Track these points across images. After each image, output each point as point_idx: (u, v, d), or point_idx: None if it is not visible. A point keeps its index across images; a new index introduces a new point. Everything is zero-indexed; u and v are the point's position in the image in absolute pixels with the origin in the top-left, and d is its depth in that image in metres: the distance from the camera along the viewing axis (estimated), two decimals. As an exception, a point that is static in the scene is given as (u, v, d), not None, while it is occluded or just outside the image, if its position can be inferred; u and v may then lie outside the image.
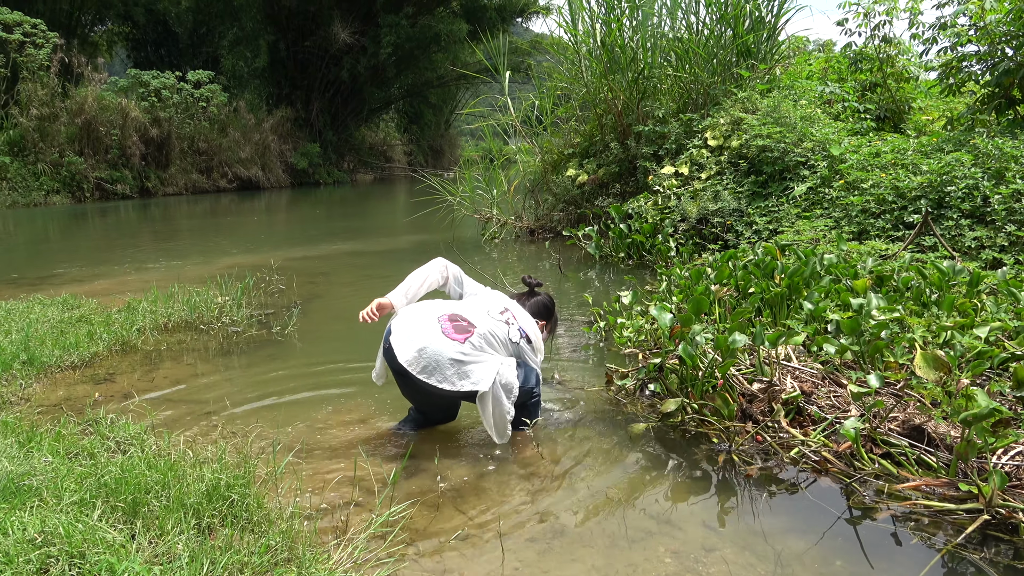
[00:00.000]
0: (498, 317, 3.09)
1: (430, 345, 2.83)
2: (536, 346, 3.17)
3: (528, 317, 3.24)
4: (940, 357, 2.87)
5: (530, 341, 3.13)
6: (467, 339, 2.89)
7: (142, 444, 2.73)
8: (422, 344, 2.83)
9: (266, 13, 28.38)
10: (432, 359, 2.81)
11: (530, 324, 3.19)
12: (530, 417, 3.10)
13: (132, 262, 8.60)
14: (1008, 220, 5.22)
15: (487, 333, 2.97)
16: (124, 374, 4.12)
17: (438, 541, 2.34)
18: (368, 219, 16.40)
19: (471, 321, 2.98)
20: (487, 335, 2.96)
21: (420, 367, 2.82)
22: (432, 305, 3.05)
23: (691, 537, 2.35)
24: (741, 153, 7.52)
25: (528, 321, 3.20)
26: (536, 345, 3.17)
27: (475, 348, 2.89)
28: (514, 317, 3.14)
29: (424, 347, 2.82)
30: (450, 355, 2.82)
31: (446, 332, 2.89)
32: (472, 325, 2.96)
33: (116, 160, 20.70)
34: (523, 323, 3.16)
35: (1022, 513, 2.26)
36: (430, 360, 2.81)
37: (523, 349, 3.10)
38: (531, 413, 3.11)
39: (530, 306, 3.40)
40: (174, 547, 2.01)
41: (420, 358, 2.82)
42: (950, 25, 7.79)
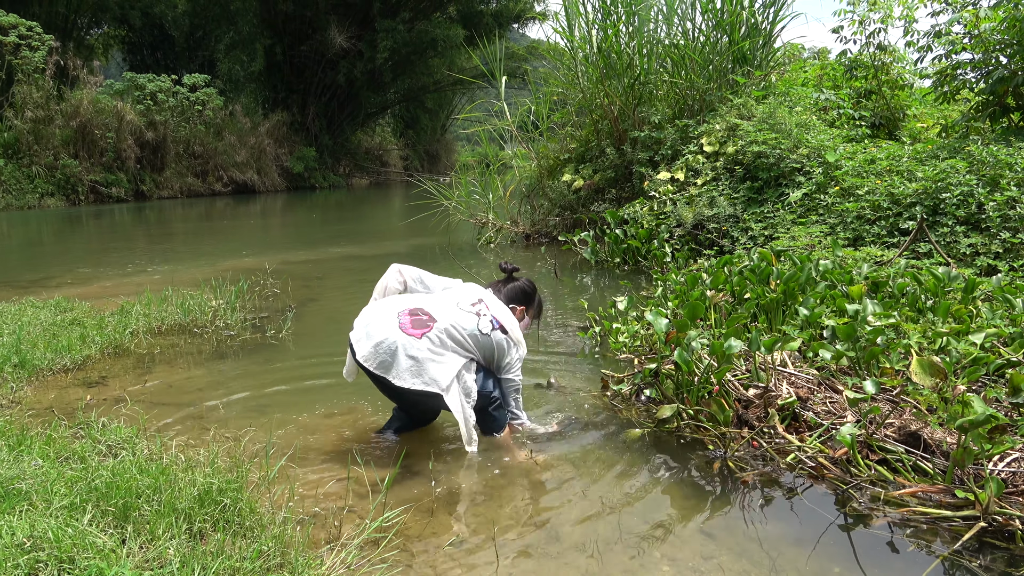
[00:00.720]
0: (468, 309, 3.00)
1: (386, 340, 2.79)
2: (513, 336, 3.07)
3: (502, 306, 3.15)
4: (936, 363, 2.86)
5: (506, 331, 3.03)
6: (424, 334, 2.82)
7: (134, 448, 2.70)
8: (379, 339, 2.80)
9: (262, 17, 28.41)
10: (387, 354, 2.78)
11: (504, 312, 3.10)
12: (498, 426, 3.07)
13: (126, 265, 8.57)
14: (1003, 227, 5.23)
15: (449, 327, 2.88)
16: (116, 377, 4.09)
17: (432, 547, 2.32)
18: (364, 223, 16.38)
19: (433, 315, 2.90)
20: (449, 329, 2.87)
21: (376, 363, 2.79)
22: (396, 300, 3.01)
23: (687, 544, 2.33)
24: (737, 159, 7.53)
25: (502, 310, 3.11)
26: (513, 335, 3.07)
27: (433, 344, 2.82)
28: (487, 307, 3.05)
29: (380, 342, 2.79)
30: (407, 351, 2.77)
31: (403, 327, 2.83)
32: (433, 319, 2.88)
33: (111, 163, 20.67)
34: (496, 312, 3.06)
35: (1019, 520, 2.26)
36: (385, 356, 2.78)
37: (498, 340, 3.00)
38: (497, 421, 3.07)
39: (506, 293, 3.30)
40: (165, 552, 1.99)
41: (376, 353, 2.79)
42: (945, 33, 7.83)
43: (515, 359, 3.08)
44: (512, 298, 3.29)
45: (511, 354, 3.06)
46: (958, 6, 7.84)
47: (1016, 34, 7.01)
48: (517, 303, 3.29)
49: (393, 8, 29.46)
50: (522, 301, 3.33)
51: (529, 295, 3.37)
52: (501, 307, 3.13)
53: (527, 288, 3.37)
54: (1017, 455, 2.54)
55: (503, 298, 3.26)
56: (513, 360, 3.07)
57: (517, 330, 3.11)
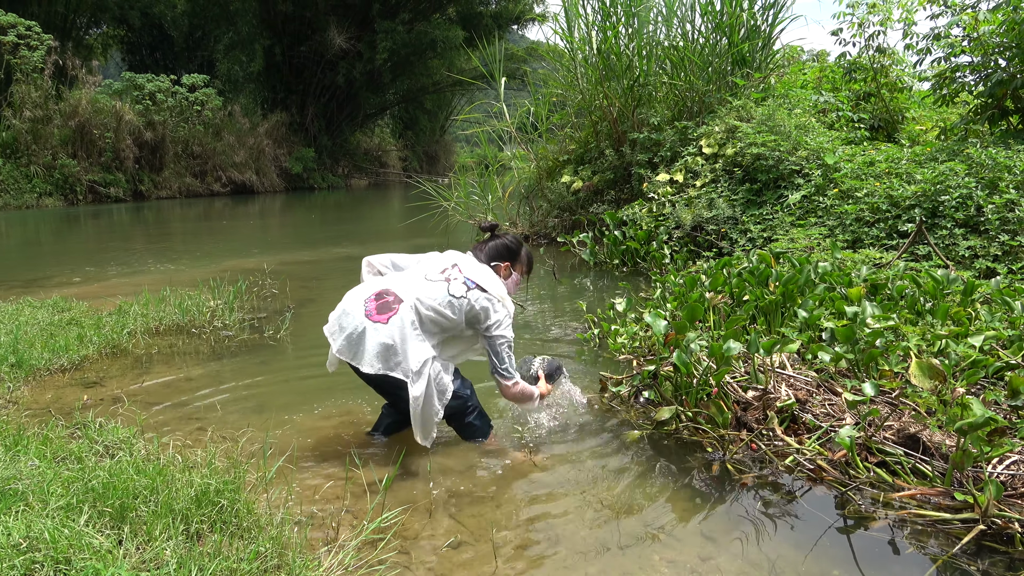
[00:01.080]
0: (436, 278, 2.92)
1: (356, 330, 2.77)
2: (494, 292, 2.94)
3: (479, 265, 3.04)
4: (935, 366, 2.86)
5: (484, 289, 2.92)
6: (390, 318, 2.76)
7: (131, 448, 2.69)
8: (349, 330, 2.78)
9: (262, 18, 28.42)
10: (357, 343, 2.77)
11: (481, 271, 2.99)
12: (481, 433, 3.05)
13: (124, 265, 8.56)
14: (1002, 230, 5.23)
15: (416, 303, 2.81)
16: (114, 377, 4.08)
17: (430, 548, 2.31)
18: (362, 224, 16.37)
19: (398, 294, 2.83)
20: (416, 306, 2.81)
21: (351, 354, 2.78)
22: (364, 287, 2.94)
23: (686, 546, 2.33)
24: (736, 161, 7.53)
25: (478, 269, 3.00)
26: (494, 291, 2.94)
27: (404, 326, 2.76)
28: (459, 271, 2.96)
29: (351, 333, 2.78)
30: (375, 338, 2.73)
31: (369, 314, 2.78)
32: (399, 299, 2.81)
33: (109, 163, 20.65)
34: (470, 273, 2.95)
35: (1018, 523, 2.25)
36: (356, 345, 2.77)
37: (477, 300, 2.88)
38: (480, 429, 3.05)
39: (487, 251, 3.16)
40: (162, 553, 1.98)
41: (349, 345, 2.78)
42: (944, 36, 7.83)
43: (502, 317, 2.94)
44: (493, 255, 3.15)
45: (496, 311, 2.92)
46: (957, 9, 7.85)
47: (1015, 37, 7.02)
48: (500, 260, 3.15)
49: (392, 9, 29.47)
50: (505, 257, 3.18)
51: (512, 250, 3.20)
52: (477, 267, 3.02)
53: (510, 243, 3.21)
54: (1016, 458, 2.53)
55: (484, 258, 3.13)
56: (500, 318, 2.94)
57: (499, 287, 2.99)
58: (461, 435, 3.10)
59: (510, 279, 3.19)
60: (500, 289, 3.00)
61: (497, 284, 3.00)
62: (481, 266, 3.05)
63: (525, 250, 3.28)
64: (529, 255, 3.31)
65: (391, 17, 28.81)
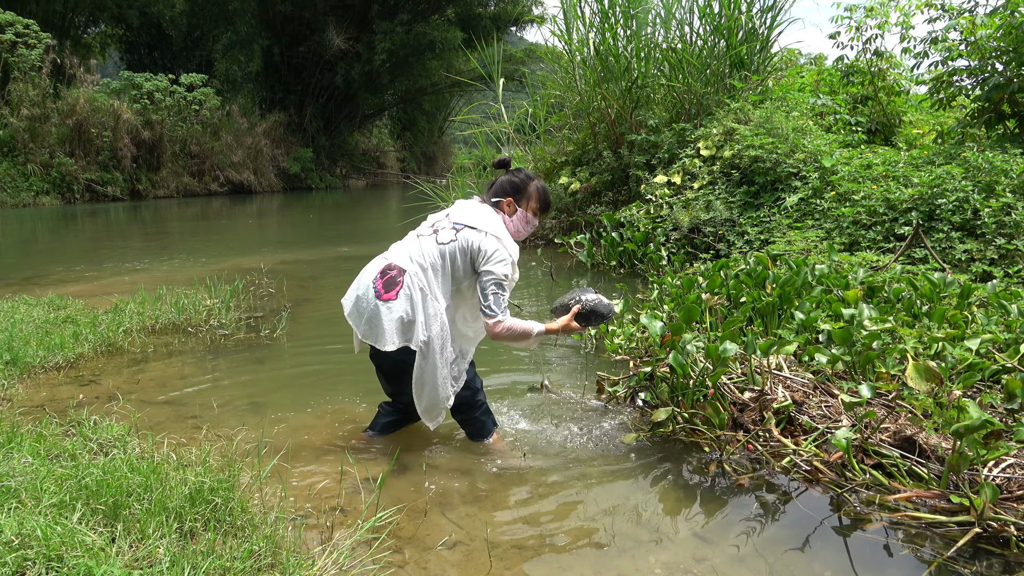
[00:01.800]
0: (426, 233, 2.84)
1: (372, 312, 2.76)
2: (485, 228, 2.80)
3: (472, 206, 2.91)
4: (932, 368, 2.86)
5: (474, 227, 2.80)
6: (399, 292, 2.73)
7: (125, 446, 2.68)
8: (367, 314, 2.77)
9: (261, 18, 28.40)
10: (376, 325, 2.75)
11: (474, 211, 2.87)
12: (486, 432, 3.02)
13: (121, 264, 8.54)
14: (998, 233, 5.24)
15: (416, 268, 2.76)
16: (109, 376, 4.06)
17: (425, 548, 2.30)
18: (360, 224, 16.35)
19: (400, 266, 2.77)
20: (416, 271, 2.75)
21: (374, 337, 2.76)
22: (371, 266, 2.89)
23: (681, 547, 2.32)
24: (733, 163, 7.53)
25: (471, 210, 2.88)
26: (485, 227, 2.80)
27: (410, 300, 2.72)
28: (447, 219, 2.87)
29: (369, 316, 2.76)
30: (391, 316, 2.71)
31: (379, 293, 2.75)
32: (401, 271, 2.76)
33: (107, 162, 20.62)
34: (460, 216, 2.85)
35: (1014, 526, 2.25)
36: (375, 327, 2.75)
37: (467, 238, 2.77)
38: (485, 427, 3.02)
39: (493, 189, 3.00)
40: (155, 551, 1.97)
41: (370, 328, 2.77)
42: (941, 40, 7.84)
43: (491, 251, 2.78)
44: (497, 192, 2.98)
45: (487, 245, 2.78)
46: (954, 13, 7.86)
47: (1012, 41, 7.03)
48: (503, 196, 2.96)
49: (391, 10, 29.48)
50: (509, 193, 2.97)
51: (517, 185, 2.98)
52: (469, 208, 2.91)
53: (515, 178, 2.99)
54: (1012, 461, 2.53)
55: (490, 196, 2.98)
56: (490, 252, 2.77)
57: (494, 223, 2.85)
58: (466, 430, 3.07)
59: (516, 215, 2.97)
60: (495, 225, 2.85)
61: (492, 220, 2.86)
62: (476, 206, 2.92)
63: (536, 185, 3.01)
64: (541, 190, 3.02)
65: (390, 18, 28.82)
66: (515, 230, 2.98)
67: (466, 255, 2.79)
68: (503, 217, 2.95)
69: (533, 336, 2.84)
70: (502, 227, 2.88)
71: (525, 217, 2.98)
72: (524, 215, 2.98)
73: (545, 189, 3.04)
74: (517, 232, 2.99)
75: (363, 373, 4.13)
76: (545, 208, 3.04)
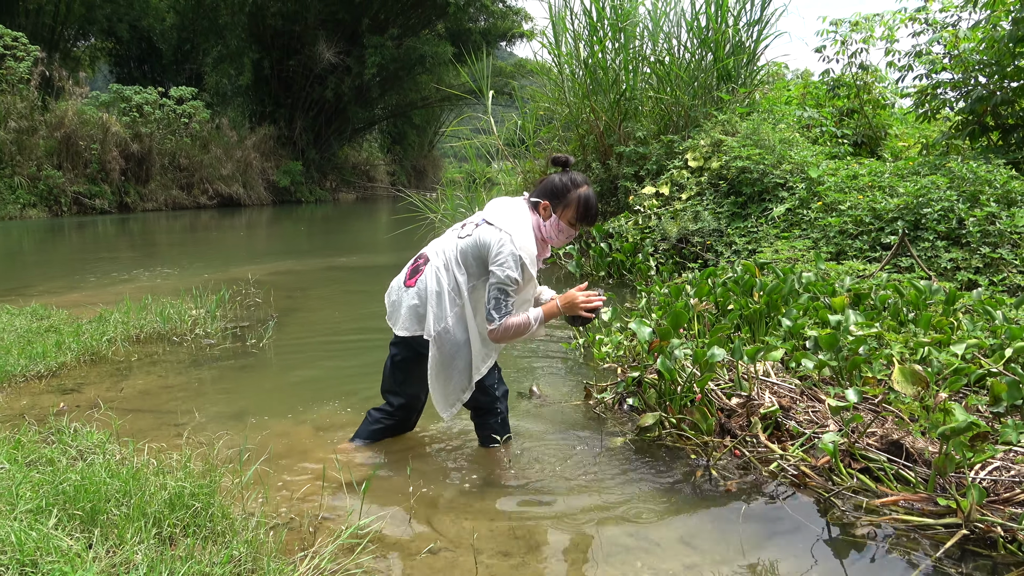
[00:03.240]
0: (459, 231, 2.81)
1: (397, 297, 2.87)
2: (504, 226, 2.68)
3: (505, 203, 2.81)
4: (918, 372, 2.86)
5: (493, 224, 2.71)
6: (417, 280, 2.78)
7: (104, 452, 2.64)
8: (393, 298, 2.90)
9: (251, 31, 28.44)
10: (397, 310, 2.86)
11: (503, 208, 2.77)
12: (493, 441, 2.99)
13: (107, 275, 8.47)
14: (983, 242, 5.27)
15: (439, 263, 2.77)
16: (92, 384, 4.01)
17: (409, 554, 2.27)
18: (349, 236, 16.32)
19: (428, 256, 2.82)
20: (439, 265, 2.76)
21: (393, 321, 2.88)
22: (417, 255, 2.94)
23: (669, 553, 2.30)
24: (721, 174, 7.57)
25: (501, 207, 2.79)
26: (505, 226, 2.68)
27: (424, 288, 2.75)
28: (479, 215, 2.81)
29: (395, 300, 2.89)
30: (407, 302, 2.80)
31: (406, 280, 2.85)
32: (427, 260, 2.80)
33: (95, 175, 20.52)
34: (488, 212, 2.77)
35: (1000, 528, 2.24)
36: (396, 311, 2.86)
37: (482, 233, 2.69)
38: (496, 434, 2.97)
39: (537, 188, 2.84)
40: (132, 556, 1.93)
41: (392, 312, 2.89)
42: (925, 53, 7.94)
43: (506, 252, 2.65)
44: (538, 192, 2.81)
45: (500, 244, 2.65)
46: (938, 27, 7.96)
47: (994, 54, 7.12)
48: (542, 198, 2.79)
49: (382, 25, 29.59)
50: (547, 196, 2.78)
51: (558, 190, 2.76)
52: (501, 205, 2.81)
53: (559, 182, 2.78)
54: (998, 463, 2.53)
55: (534, 194, 2.83)
56: (502, 250, 2.65)
57: (517, 223, 2.71)
58: (479, 434, 3.04)
59: (549, 222, 2.79)
60: (515, 224, 2.71)
61: (516, 219, 2.72)
62: (510, 203, 2.82)
63: (580, 194, 2.76)
64: (583, 200, 2.77)
65: (380, 32, 28.91)
66: (547, 236, 2.82)
67: (479, 251, 2.72)
68: (537, 220, 2.80)
69: (534, 325, 2.78)
70: (525, 227, 2.73)
71: (558, 225, 2.79)
72: (557, 223, 2.79)
73: (589, 200, 2.79)
74: (549, 239, 2.83)
75: (349, 381, 4.11)
76: (585, 220, 2.80)
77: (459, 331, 2.78)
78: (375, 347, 5.00)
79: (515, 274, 2.66)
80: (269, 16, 27.88)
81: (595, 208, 2.80)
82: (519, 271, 2.67)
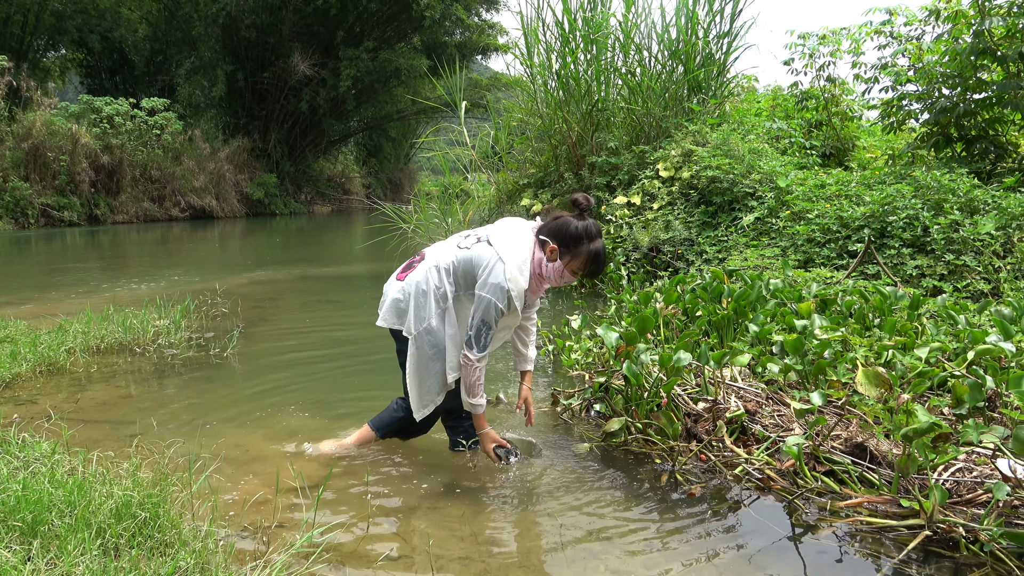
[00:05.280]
0: (460, 241, 2.79)
1: (385, 287, 2.91)
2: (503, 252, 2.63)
3: (514, 228, 2.74)
4: (881, 374, 2.86)
5: (493, 245, 2.67)
6: (407, 275, 2.82)
7: (52, 463, 2.54)
8: (384, 289, 2.92)
9: (224, 43, 28.21)
10: (384, 301, 2.88)
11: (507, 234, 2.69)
12: (467, 437, 2.95)
13: (72, 287, 8.29)
14: (947, 249, 5.34)
15: (431, 265, 2.76)
16: (48, 395, 3.90)
17: (367, 562, 2.21)
18: (322, 248, 16.17)
19: (425, 255, 2.84)
20: (431, 267, 2.75)
21: (380, 310, 2.89)
22: None
23: (633, 557, 2.27)
24: (692, 184, 7.61)
25: (506, 231, 2.71)
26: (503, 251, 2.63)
27: (414, 284, 2.76)
28: (483, 233, 2.77)
29: (384, 291, 2.90)
30: (391, 294, 2.83)
31: (398, 274, 2.88)
32: (422, 259, 2.83)
33: (64, 186, 20.15)
34: (492, 232, 2.72)
35: (963, 528, 2.24)
36: (383, 302, 2.88)
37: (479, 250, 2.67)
38: (468, 433, 2.94)
39: (547, 224, 2.72)
40: (73, 568, 1.86)
41: (381, 302, 2.90)
42: (891, 65, 8.07)
43: (490, 277, 2.62)
44: (549, 231, 2.70)
45: (488, 270, 2.62)
46: (903, 40, 8.11)
47: (957, 67, 7.26)
48: (552, 239, 2.68)
49: (357, 37, 29.52)
50: (557, 239, 2.66)
51: (571, 237, 2.64)
52: (507, 227, 2.75)
53: (572, 229, 2.64)
54: (961, 465, 2.53)
55: (542, 230, 2.73)
56: (488, 278, 2.62)
57: (516, 254, 2.64)
58: (449, 437, 3.02)
59: (553, 265, 2.69)
60: (515, 257, 2.64)
61: (516, 251, 2.66)
62: (518, 228, 2.75)
63: (591, 248, 2.66)
64: (594, 256, 2.67)
65: (355, 45, 28.84)
66: (547, 275, 2.73)
67: (470, 267, 2.70)
68: (540, 258, 2.71)
69: (471, 402, 2.77)
70: (523, 260, 2.67)
71: (562, 271, 2.70)
72: (561, 269, 2.69)
73: (599, 256, 2.68)
74: (548, 279, 2.75)
75: (312, 390, 4.04)
76: (592, 274, 2.73)
77: (440, 333, 2.76)
78: (342, 356, 4.94)
79: (500, 304, 2.62)
80: (243, 28, 27.69)
81: (604, 263, 2.73)
82: (504, 302, 2.63)
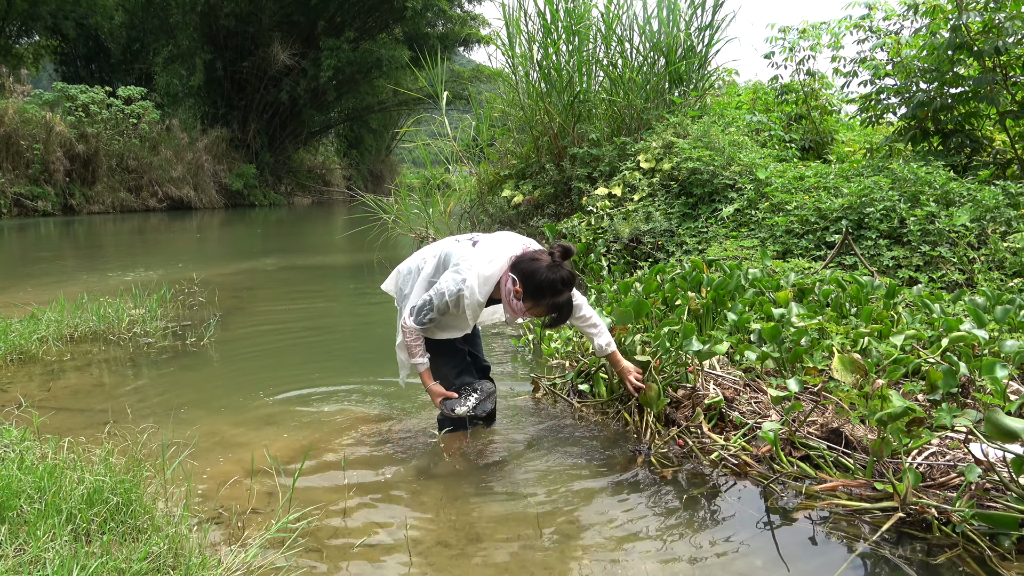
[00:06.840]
0: (458, 238, 2.89)
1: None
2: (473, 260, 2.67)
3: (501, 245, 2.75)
4: (857, 360, 2.89)
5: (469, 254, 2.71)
6: (414, 254, 3.02)
7: (22, 450, 2.50)
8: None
9: (203, 32, 27.84)
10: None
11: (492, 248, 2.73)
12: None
13: (46, 276, 8.15)
14: (923, 241, 5.40)
15: (432, 254, 2.91)
16: (19, 383, 3.84)
17: (344, 547, 2.20)
18: (302, 238, 16.06)
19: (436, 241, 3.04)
20: (433, 254, 2.90)
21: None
22: None
23: (610, 540, 2.27)
24: (672, 175, 7.63)
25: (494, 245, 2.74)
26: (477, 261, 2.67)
27: (416, 263, 2.95)
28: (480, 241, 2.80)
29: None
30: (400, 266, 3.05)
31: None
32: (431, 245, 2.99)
33: (38, 176, 19.83)
34: (484, 239, 2.79)
35: (935, 510, 2.26)
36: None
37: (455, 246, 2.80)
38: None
39: (522, 260, 2.69)
40: (43, 554, 1.83)
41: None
42: (869, 59, 8.13)
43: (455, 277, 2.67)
44: (522, 269, 2.67)
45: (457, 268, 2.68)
46: (881, 34, 8.16)
47: (934, 61, 7.32)
48: (519, 279, 2.66)
49: (338, 27, 29.27)
50: (522, 281, 2.65)
51: (536, 287, 2.63)
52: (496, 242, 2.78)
53: (541, 278, 2.62)
54: (935, 449, 2.56)
55: (519, 259, 2.71)
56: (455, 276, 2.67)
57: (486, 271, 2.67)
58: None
59: (517, 302, 2.69)
60: (487, 268, 2.68)
61: (491, 265, 2.68)
62: (504, 246, 2.75)
63: (555, 302, 2.68)
64: (557, 308, 2.70)
65: (336, 35, 28.59)
66: (514, 308, 2.72)
67: (448, 260, 2.82)
68: (508, 287, 2.69)
69: (412, 362, 2.82)
70: (491, 275, 2.69)
71: (523, 309, 2.70)
72: (523, 307, 2.70)
73: (561, 310, 2.71)
74: (516, 311, 2.73)
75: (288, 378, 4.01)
76: (552, 324, 2.81)
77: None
78: (319, 344, 4.91)
79: (447, 297, 2.66)
80: (222, 16, 27.35)
81: (567, 316, 2.76)
82: (453, 299, 2.66)
